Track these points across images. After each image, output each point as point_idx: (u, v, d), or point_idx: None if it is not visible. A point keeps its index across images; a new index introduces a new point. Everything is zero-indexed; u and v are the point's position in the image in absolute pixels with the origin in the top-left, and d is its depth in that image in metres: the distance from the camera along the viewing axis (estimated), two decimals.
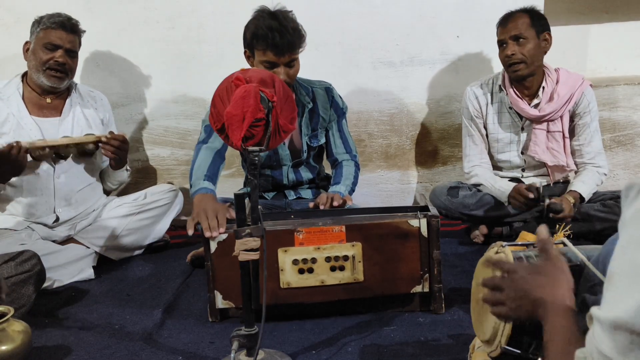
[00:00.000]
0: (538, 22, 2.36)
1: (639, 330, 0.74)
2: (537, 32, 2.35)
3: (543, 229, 1.17)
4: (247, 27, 2.15)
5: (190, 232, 1.81)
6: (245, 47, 2.18)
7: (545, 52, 2.40)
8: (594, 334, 0.81)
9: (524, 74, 2.37)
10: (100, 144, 2.44)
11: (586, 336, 0.84)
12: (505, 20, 2.38)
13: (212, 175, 2.06)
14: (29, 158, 2.31)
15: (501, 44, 2.40)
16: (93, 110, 2.57)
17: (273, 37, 2.04)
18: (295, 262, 1.81)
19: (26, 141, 2.26)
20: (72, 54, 2.43)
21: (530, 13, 2.37)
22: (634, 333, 0.74)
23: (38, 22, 2.40)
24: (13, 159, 2.18)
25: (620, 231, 0.82)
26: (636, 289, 0.75)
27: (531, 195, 2.27)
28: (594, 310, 0.82)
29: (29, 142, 2.27)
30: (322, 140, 2.37)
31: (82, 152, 2.45)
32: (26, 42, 2.43)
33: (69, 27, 2.40)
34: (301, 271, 1.82)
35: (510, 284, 1.12)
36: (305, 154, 2.34)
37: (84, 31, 2.50)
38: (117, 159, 2.49)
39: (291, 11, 2.17)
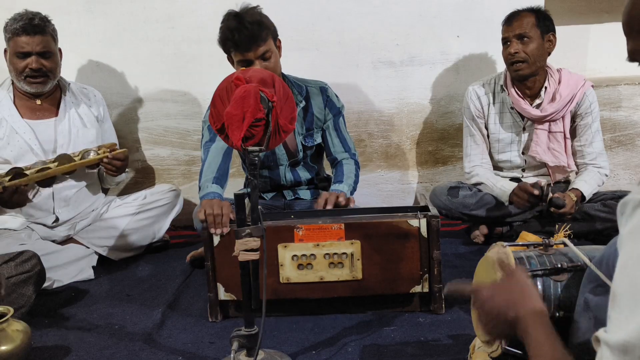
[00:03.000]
0: (543, 22, 2.35)
1: None
2: (541, 32, 2.34)
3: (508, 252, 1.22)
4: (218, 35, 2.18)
5: (202, 217, 1.83)
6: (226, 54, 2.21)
7: (549, 53, 2.40)
8: (602, 357, 0.80)
9: (525, 74, 2.37)
10: (101, 164, 2.41)
11: None
12: (511, 19, 2.37)
13: (221, 176, 2.08)
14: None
15: (505, 41, 2.39)
16: (87, 108, 2.56)
17: (233, 36, 2.08)
18: (294, 257, 1.82)
19: (29, 175, 2.16)
20: (47, 55, 2.34)
21: (537, 13, 2.36)
22: None
23: (5, 28, 2.32)
24: (16, 198, 2.15)
25: (619, 249, 0.82)
26: (639, 310, 0.74)
27: (536, 192, 2.27)
28: (600, 333, 0.81)
29: (32, 175, 2.17)
30: (318, 140, 2.37)
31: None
32: (5, 50, 2.37)
33: (31, 30, 2.28)
34: (300, 267, 1.83)
35: (480, 307, 1.11)
36: (301, 154, 2.34)
37: (52, 23, 2.38)
38: (117, 175, 2.49)
39: (257, 6, 2.18)
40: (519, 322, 1.00)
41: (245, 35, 2.07)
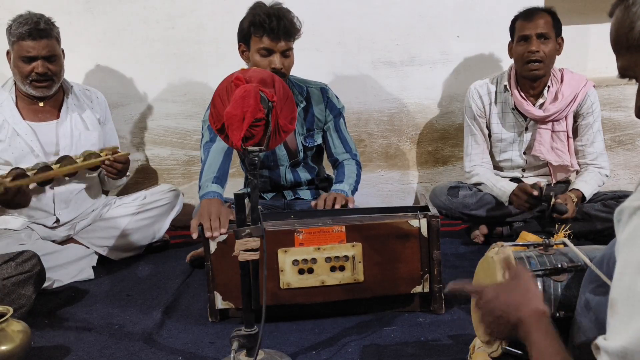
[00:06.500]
0: (557, 24, 2.35)
1: None
2: (556, 34, 2.34)
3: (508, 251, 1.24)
4: (243, 20, 2.18)
5: (195, 235, 1.78)
6: (240, 41, 2.20)
7: (558, 55, 2.40)
8: None
9: (540, 74, 2.35)
10: (102, 166, 2.41)
11: None
12: (531, 15, 2.33)
13: (221, 176, 2.08)
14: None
15: (524, 38, 2.34)
16: (89, 110, 2.55)
17: (270, 21, 2.08)
18: (295, 262, 1.81)
19: (30, 176, 2.17)
20: (52, 58, 2.33)
21: (552, 15, 2.35)
22: None
23: (9, 31, 2.31)
24: (18, 199, 2.15)
25: (616, 256, 0.82)
26: (637, 317, 0.74)
27: (535, 193, 2.26)
28: (600, 341, 0.81)
29: (34, 176, 2.18)
30: (319, 141, 2.37)
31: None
32: (8, 52, 2.35)
33: (37, 34, 2.27)
34: (301, 272, 1.82)
35: (483, 307, 1.12)
36: (301, 154, 2.34)
37: (56, 26, 2.37)
38: (117, 178, 2.49)
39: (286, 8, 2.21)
40: (521, 323, 1.01)
41: (284, 24, 2.09)
